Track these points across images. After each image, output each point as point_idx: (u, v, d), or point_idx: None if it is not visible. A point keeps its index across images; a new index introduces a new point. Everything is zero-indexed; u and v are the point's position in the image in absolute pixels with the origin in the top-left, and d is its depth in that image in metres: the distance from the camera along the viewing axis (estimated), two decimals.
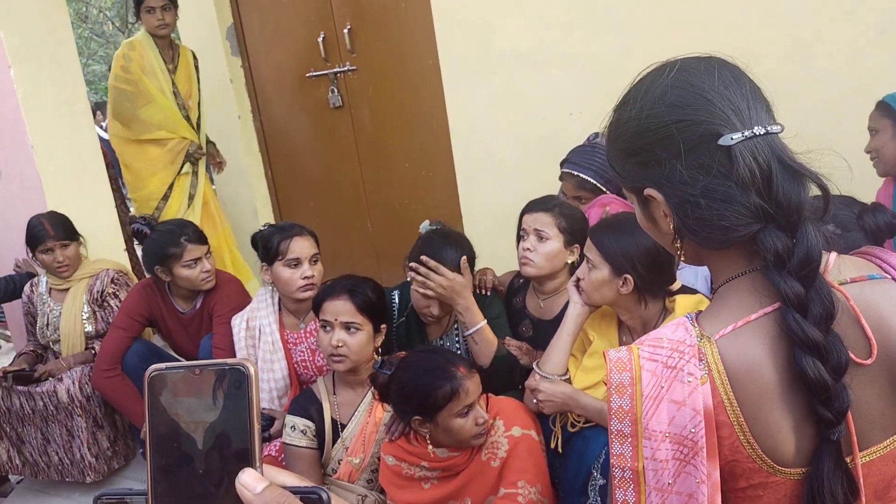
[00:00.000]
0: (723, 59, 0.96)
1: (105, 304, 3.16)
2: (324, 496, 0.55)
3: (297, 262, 2.55)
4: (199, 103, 4.04)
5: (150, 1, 3.78)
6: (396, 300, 2.60)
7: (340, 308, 2.20)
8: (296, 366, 2.69)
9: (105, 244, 3.64)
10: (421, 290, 2.33)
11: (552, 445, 2.03)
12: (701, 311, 0.96)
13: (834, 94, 2.81)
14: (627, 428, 0.90)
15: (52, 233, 3.10)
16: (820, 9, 2.81)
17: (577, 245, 2.28)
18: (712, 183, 0.89)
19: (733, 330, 0.89)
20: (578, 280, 2.03)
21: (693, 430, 0.87)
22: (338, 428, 2.25)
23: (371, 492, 2.17)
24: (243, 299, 2.92)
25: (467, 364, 1.92)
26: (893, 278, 0.95)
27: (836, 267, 0.95)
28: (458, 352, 2.38)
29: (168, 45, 3.96)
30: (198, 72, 4.06)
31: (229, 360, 0.57)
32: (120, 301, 3.12)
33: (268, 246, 2.59)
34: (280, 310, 2.73)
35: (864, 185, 2.44)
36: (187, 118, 3.98)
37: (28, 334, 3.38)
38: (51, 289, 3.26)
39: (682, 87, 0.93)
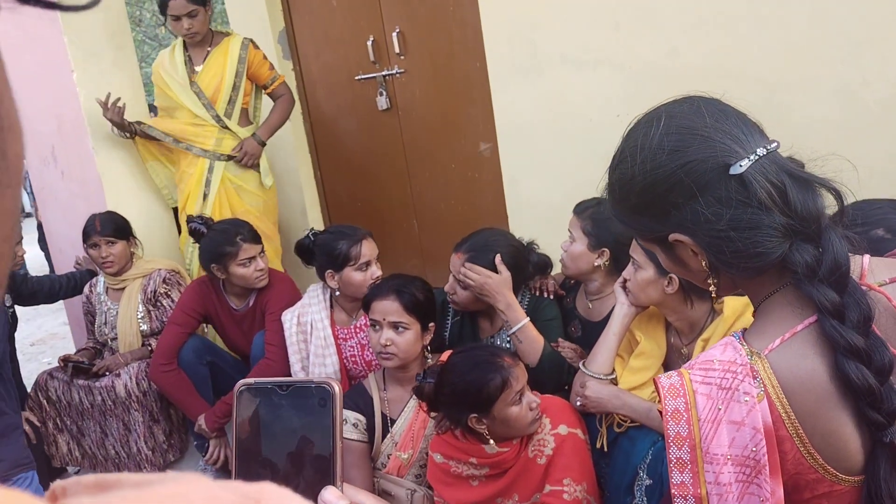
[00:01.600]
0: (702, 96, 0.99)
1: (158, 303, 3.27)
2: None
3: (367, 265, 2.62)
4: (237, 93, 3.68)
5: (174, 9, 3.52)
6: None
7: (388, 308, 2.25)
8: (346, 361, 2.76)
9: (162, 244, 3.76)
10: (466, 287, 2.38)
11: (598, 445, 2.05)
12: (746, 329, 0.97)
13: (886, 95, 2.77)
14: (687, 454, 0.90)
15: (98, 228, 3.22)
16: (874, 8, 2.77)
17: (604, 249, 2.28)
18: (736, 214, 0.91)
19: (781, 343, 0.90)
20: (625, 281, 2.05)
21: (754, 450, 0.87)
22: (387, 423, 2.31)
23: (420, 487, 2.22)
24: (295, 297, 2.99)
25: (509, 353, 1.97)
26: None
27: (871, 270, 0.96)
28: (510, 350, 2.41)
29: (202, 45, 3.71)
30: (242, 61, 3.67)
31: (315, 379, 0.59)
32: (172, 300, 3.23)
33: (334, 252, 2.64)
34: (332, 306, 2.80)
35: None
36: (217, 118, 3.65)
37: (88, 332, 3.51)
38: (108, 288, 3.38)
39: (676, 132, 0.95)
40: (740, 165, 0.90)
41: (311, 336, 2.80)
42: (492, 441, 1.95)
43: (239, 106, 3.69)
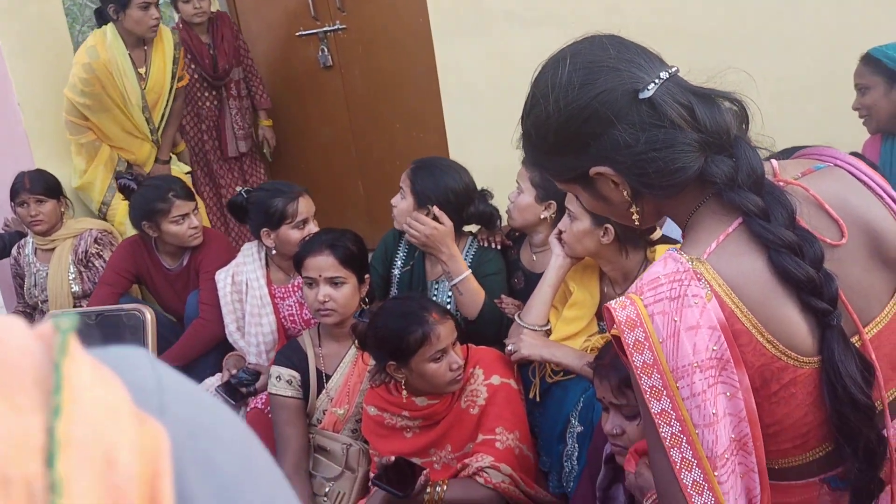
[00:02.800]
0: (602, 34, 1.04)
1: (90, 264, 3.17)
2: None
3: (304, 223, 2.55)
4: (169, 97, 3.49)
5: None
6: (403, 241, 2.59)
7: (323, 263, 2.20)
8: (283, 320, 2.70)
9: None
10: (412, 241, 2.36)
11: (531, 395, 2.05)
12: (681, 245, 1.00)
13: (824, 52, 2.79)
14: (658, 381, 0.91)
15: (28, 186, 3.10)
16: None
17: (552, 201, 2.26)
18: (651, 135, 0.95)
19: (717, 246, 0.94)
20: (560, 232, 2.04)
21: (716, 348, 0.90)
22: (322, 379, 2.27)
23: (355, 441, 2.19)
24: (230, 256, 2.91)
25: (441, 310, 1.94)
26: (834, 165, 1.02)
27: (782, 169, 1.01)
28: (450, 298, 2.39)
29: (140, 43, 3.37)
30: (175, 61, 3.48)
31: (126, 306, 0.56)
32: (104, 261, 3.13)
33: (270, 210, 2.56)
34: (268, 265, 2.73)
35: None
36: (153, 131, 3.49)
37: (17, 296, 3.39)
38: (37, 249, 3.26)
39: (583, 67, 0.99)
40: (647, 89, 0.94)
41: (246, 296, 2.73)
42: (405, 392, 1.94)
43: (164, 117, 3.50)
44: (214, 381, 2.63)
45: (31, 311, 3.32)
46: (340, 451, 2.18)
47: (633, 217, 1.04)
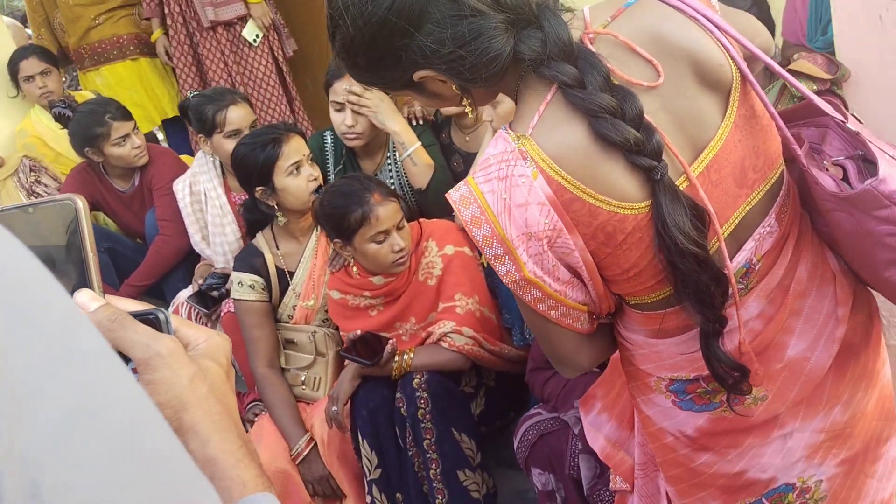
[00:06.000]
0: None
1: (35, 193, 3.14)
2: (161, 316, 0.55)
3: (236, 133, 2.48)
4: None
5: (26, 69, 3.29)
6: (330, 142, 2.56)
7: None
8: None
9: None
10: (360, 112, 2.30)
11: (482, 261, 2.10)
12: (512, 122, 1.00)
13: None
14: (500, 249, 0.96)
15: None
16: None
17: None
18: (456, 31, 0.93)
19: (539, 118, 0.95)
20: (491, 121, 2.04)
21: (547, 221, 0.94)
22: (286, 277, 2.30)
23: (320, 328, 2.25)
24: (180, 169, 2.89)
25: (384, 191, 1.96)
26: None
27: (593, 18, 1.00)
28: (392, 185, 2.39)
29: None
30: None
31: (58, 196, 0.56)
32: (46, 185, 3.10)
33: (202, 118, 2.51)
34: (223, 173, 2.71)
35: None
36: None
37: None
38: None
39: None
40: None
41: (206, 206, 2.72)
42: (354, 270, 2.00)
43: None
44: (186, 292, 2.67)
45: None
46: (308, 340, 2.24)
47: (466, 108, 1.06)
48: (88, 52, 3.54)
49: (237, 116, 2.50)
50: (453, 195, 0.99)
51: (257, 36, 3.38)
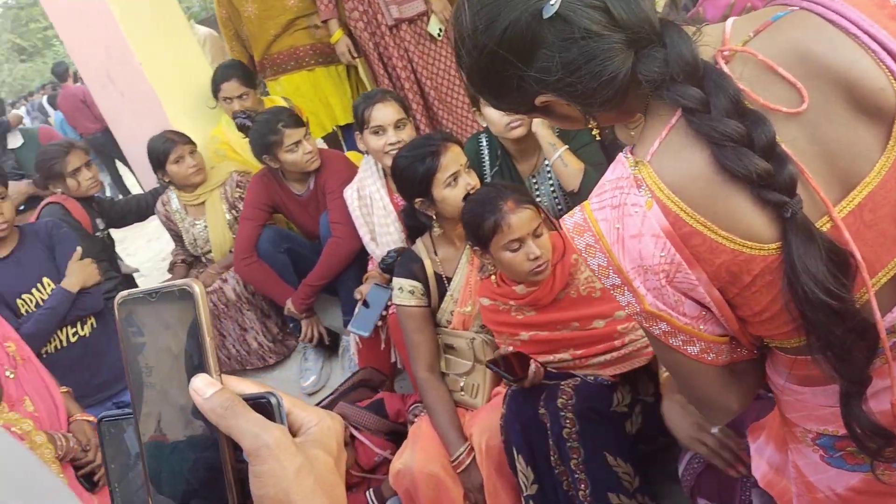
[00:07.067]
0: None
1: (237, 209, 3.32)
2: (273, 400, 0.55)
3: (380, 129, 2.56)
4: None
5: (226, 91, 3.47)
6: (486, 145, 2.54)
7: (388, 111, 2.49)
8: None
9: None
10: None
11: None
12: (635, 146, 0.93)
13: None
14: (617, 279, 0.91)
15: (177, 139, 3.25)
16: None
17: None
18: (566, 57, 0.88)
19: (661, 143, 0.87)
20: None
21: (664, 255, 0.86)
22: (444, 282, 2.31)
23: (478, 334, 2.24)
24: (352, 172, 2.98)
25: (519, 198, 1.90)
26: (801, 8, 0.87)
27: (734, 32, 0.89)
28: (552, 188, 2.33)
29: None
30: None
31: (177, 282, 0.57)
32: None
33: (356, 115, 2.64)
34: (385, 175, 2.78)
35: None
36: None
37: (176, 245, 3.64)
38: (185, 206, 3.43)
39: (479, 5, 0.93)
40: (551, 5, 0.87)
41: (372, 209, 2.81)
42: (493, 279, 2.02)
43: None
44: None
45: (195, 259, 3.57)
46: (467, 346, 2.24)
47: (592, 129, 1.00)
48: (269, 62, 3.73)
49: (382, 114, 2.57)
50: (567, 222, 0.95)
51: (441, 29, 3.43)
